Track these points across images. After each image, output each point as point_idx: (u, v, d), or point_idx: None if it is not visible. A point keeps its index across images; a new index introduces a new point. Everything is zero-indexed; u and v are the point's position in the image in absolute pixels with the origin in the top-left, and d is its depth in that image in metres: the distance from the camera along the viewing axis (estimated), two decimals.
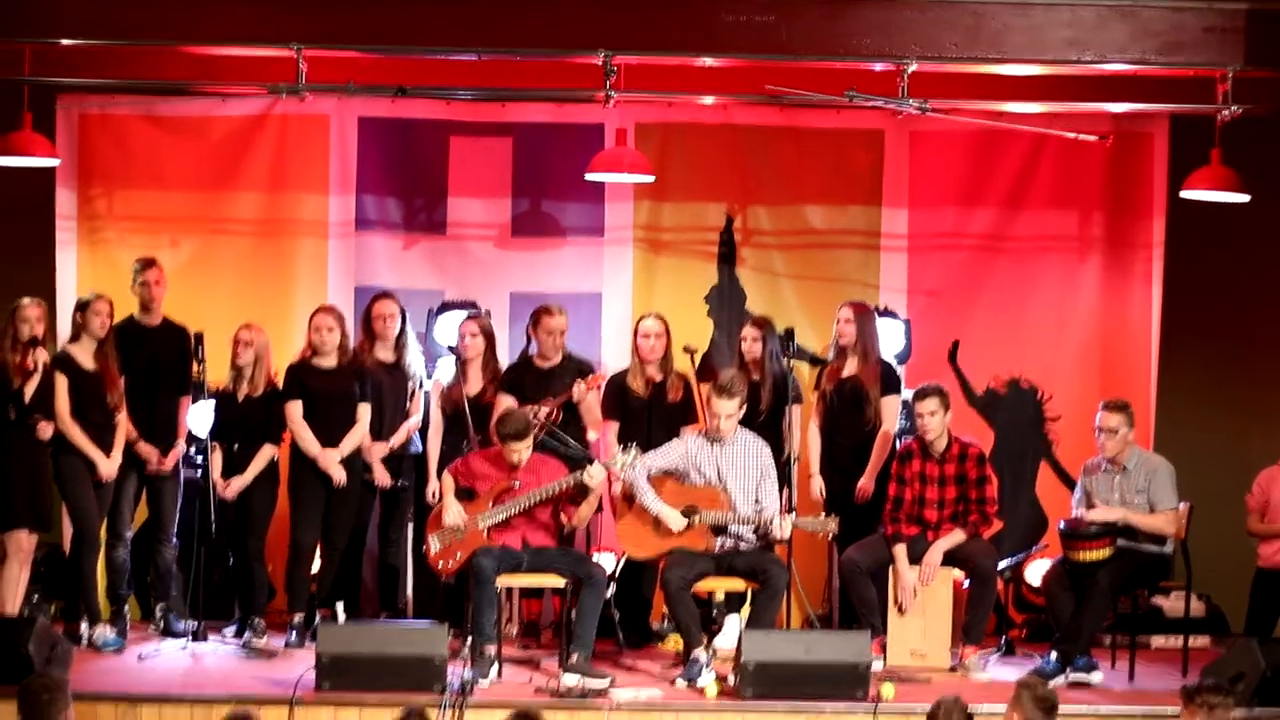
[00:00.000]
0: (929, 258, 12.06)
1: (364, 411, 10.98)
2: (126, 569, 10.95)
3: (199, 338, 10.75)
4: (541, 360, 11.12)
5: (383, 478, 11.10)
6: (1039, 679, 8.49)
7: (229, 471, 10.90)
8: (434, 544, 10.32)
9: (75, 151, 11.82)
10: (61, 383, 10.42)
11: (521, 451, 10.20)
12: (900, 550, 10.48)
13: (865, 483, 10.92)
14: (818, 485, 11.11)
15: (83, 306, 10.63)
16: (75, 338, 10.63)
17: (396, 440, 11.14)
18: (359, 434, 10.95)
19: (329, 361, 10.92)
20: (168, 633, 10.87)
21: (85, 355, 10.58)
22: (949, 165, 12.05)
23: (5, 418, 10.23)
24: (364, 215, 12.02)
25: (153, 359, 10.89)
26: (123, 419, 10.66)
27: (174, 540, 10.97)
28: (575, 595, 10.08)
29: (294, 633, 10.77)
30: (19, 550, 10.29)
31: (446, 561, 10.28)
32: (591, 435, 11.12)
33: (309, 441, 10.83)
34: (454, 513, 10.29)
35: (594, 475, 10.20)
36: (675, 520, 10.17)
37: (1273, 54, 10.89)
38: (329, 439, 10.85)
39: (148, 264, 10.97)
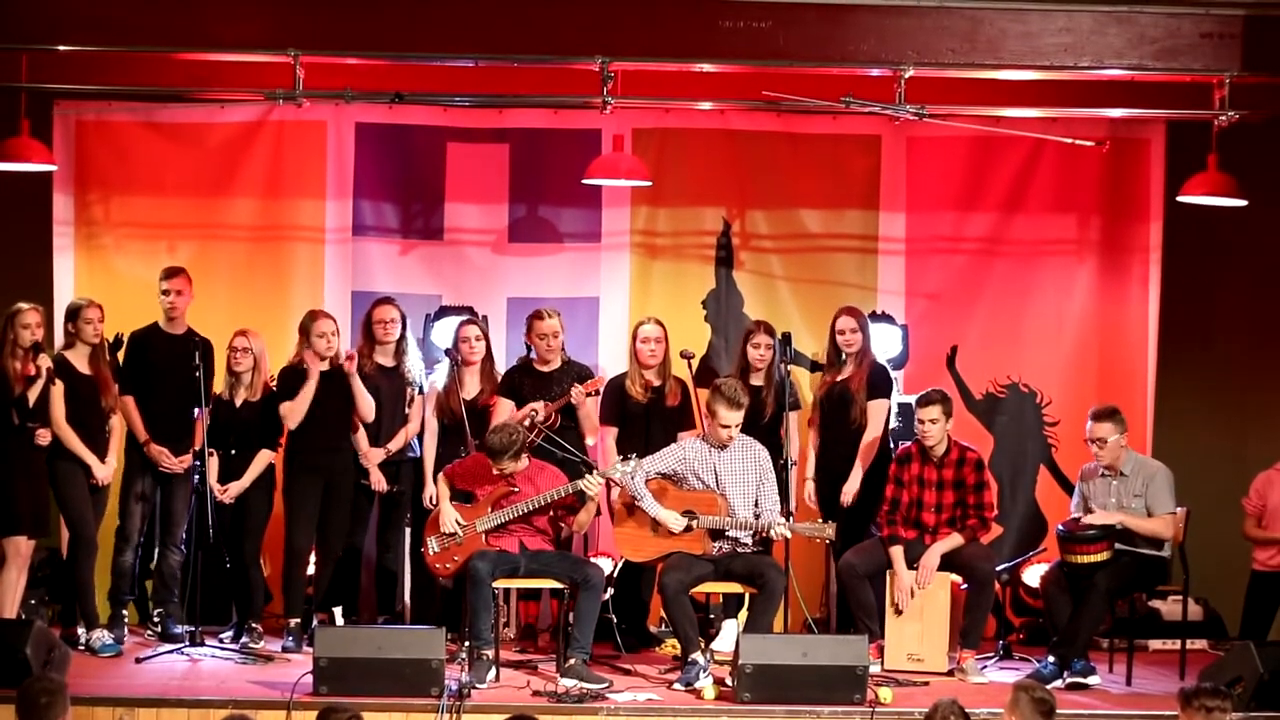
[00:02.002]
0: (927, 262, 12.07)
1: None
2: (132, 574, 10.94)
3: (200, 344, 10.76)
4: (540, 364, 11.12)
5: (379, 482, 11.11)
6: (1036, 682, 8.47)
7: (226, 477, 10.89)
8: (433, 546, 10.32)
9: (72, 157, 11.82)
10: (58, 388, 10.42)
11: (505, 467, 10.19)
12: (897, 552, 10.48)
13: (849, 486, 10.93)
14: (809, 491, 11.13)
15: (73, 314, 10.64)
16: (69, 344, 10.63)
17: (394, 445, 11.14)
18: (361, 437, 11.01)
19: (324, 365, 10.93)
20: (165, 637, 10.85)
21: (80, 360, 10.59)
22: (946, 170, 12.06)
23: (9, 424, 10.22)
24: (361, 221, 12.01)
25: (169, 368, 10.87)
26: (116, 424, 10.67)
27: (181, 547, 10.95)
28: (573, 599, 10.08)
29: (290, 637, 10.76)
30: (18, 555, 10.29)
31: (444, 564, 10.29)
32: (589, 440, 11.13)
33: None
34: (450, 519, 10.29)
35: (592, 484, 10.20)
36: (675, 522, 10.16)
37: (1269, 60, 10.90)
38: (325, 441, 10.85)
39: (170, 273, 10.96)
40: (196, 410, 10.90)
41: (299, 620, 10.83)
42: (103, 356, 10.66)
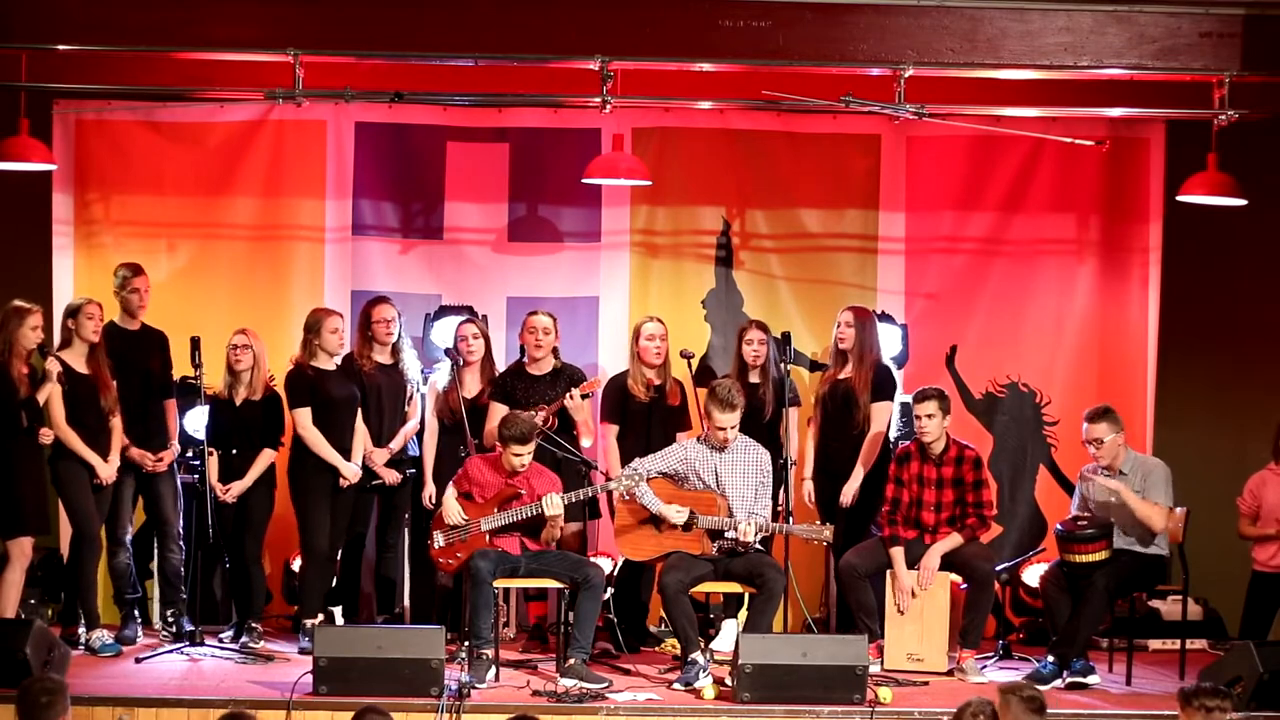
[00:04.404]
0: (926, 261, 12.06)
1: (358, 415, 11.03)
2: (130, 574, 10.93)
3: (196, 342, 10.73)
4: (531, 367, 11.11)
5: (390, 477, 11.08)
6: (1020, 683, 8.45)
7: (227, 476, 10.89)
8: (438, 540, 10.30)
9: (72, 157, 11.81)
10: (57, 389, 10.41)
11: (523, 456, 10.18)
12: (898, 553, 10.49)
13: (849, 487, 10.94)
14: (808, 490, 11.14)
15: (73, 312, 10.63)
16: (67, 343, 10.63)
17: (396, 444, 11.14)
18: (362, 436, 11.00)
19: (332, 364, 10.94)
20: (179, 636, 10.77)
21: (78, 360, 10.59)
22: (946, 170, 12.05)
23: (15, 425, 10.22)
24: (361, 220, 12.00)
25: (136, 363, 10.88)
26: (117, 423, 10.67)
27: (180, 544, 10.93)
28: (573, 598, 10.08)
29: (306, 638, 10.66)
30: (23, 555, 10.30)
31: (448, 559, 10.27)
32: (584, 442, 11.09)
33: (330, 451, 10.83)
34: (455, 511, 10.27)
35: (549, 507, 10.18)
36: (676, 514, 10.15)
37: (1269, 59, 10.90)
38: (339, 441, 10.86)
39: (137, 270, 10.95)
40: (168, 402, 10.94)
41: (314, 621, 10.76)
42: (102, 355, 10.65)
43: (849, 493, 10.94)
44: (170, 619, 10.96)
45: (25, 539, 10.30)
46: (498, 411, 10.87)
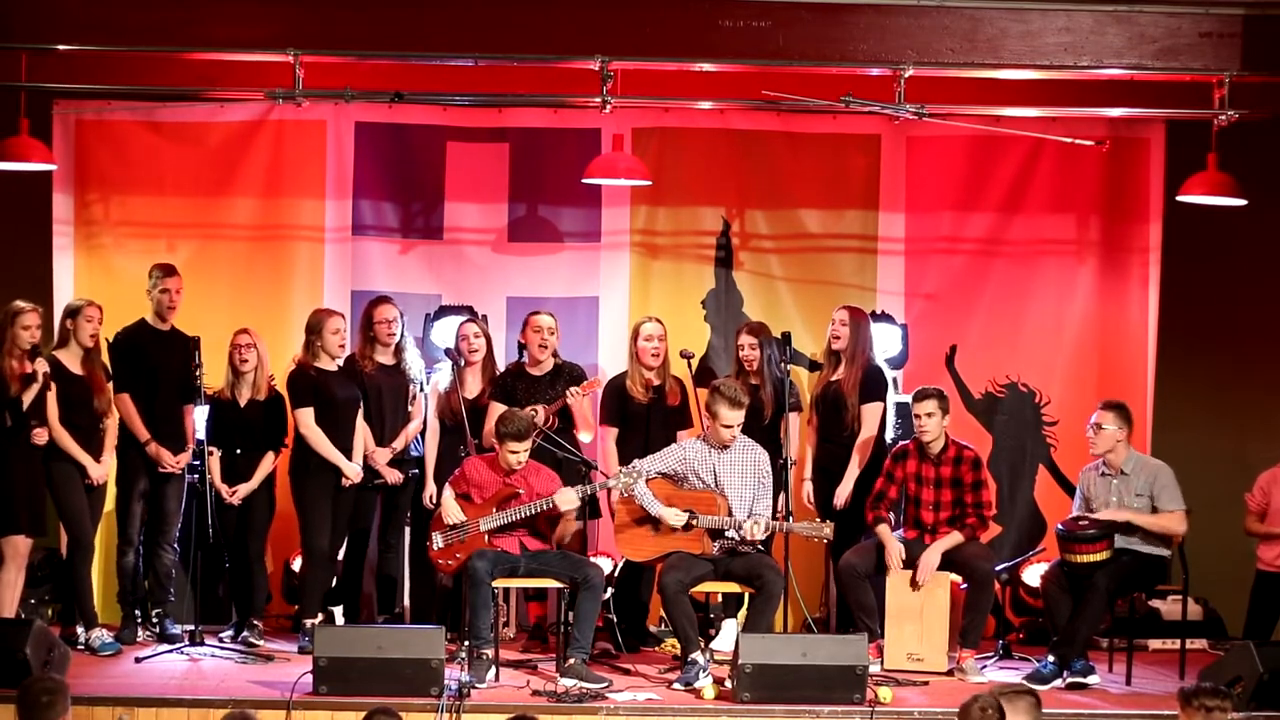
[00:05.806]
0: (926, 262, 12.07)
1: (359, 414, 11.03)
2: (136, 573, 10.92)
3: (196, 342, 10.73)
4: (532, 367, 11.11)
5: (393, 477, 11.08)
6: (1015, 683, 8.44)
7: (231, 477, 10.88)
8: (437, 541, 10.30)
9: (72, 157, 11.81)
10: (52, 390, 10.40)
11: (520, 453, 10.18)
12: (884, 530, 10.51)
13: (842, 489, 10.94)
14: (807, 491, 11.14)
15: (73, 313, 10.61)
16: (63, 343, 10.62)
17: (399, 445, 11.13)
18: (363, 435, 11.00)
19: (334, 365, 10.94)
20: (163, 637, 10.81)
21: (73, 360, 10.57)
22: (946, 170, 12.05)
23: (1, 425, 10.21)
24: (361, 220, 12.01)
25: (163, 365, 10.87)
26: (111, 424, 10.66)
27: (175, 545, 10.94)
28: (573, 598, 10.08)
29: (307, 638, 10.63)
30: (16, 555, 10.28)
31: (447, 560, 10.28)
32: (584, 437, 11.11)
33: (333, 450, 10.83)
34: (454, 510, 10.27)
35: (565, 500, 10.18)
36: (675, 518, 10.16)
37: (1269, 59, 10.91)
38: (341, 442, 10.85)
39: (169, 271, 10.94)
40: (188, 406, 10.90)
41: (315, 620, 10.75)
42: (96, 358, 10.64)
43: (842, 495, 10.94)
44: (155, 619, 10.95)
45: (18, 538, 10.28)
46: (498, 412, 10.87)
